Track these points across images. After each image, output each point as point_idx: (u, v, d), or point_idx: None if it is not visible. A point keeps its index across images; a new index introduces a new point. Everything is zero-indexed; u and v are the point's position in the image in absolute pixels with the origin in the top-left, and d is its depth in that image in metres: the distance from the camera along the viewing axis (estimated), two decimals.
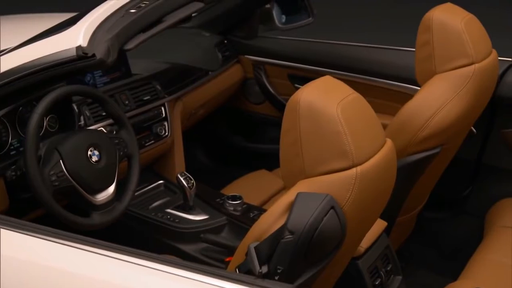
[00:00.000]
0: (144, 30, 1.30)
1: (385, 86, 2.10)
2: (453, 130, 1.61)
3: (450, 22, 1.61)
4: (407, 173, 1.61)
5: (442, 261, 2.20)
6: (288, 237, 1.06)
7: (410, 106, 1.59)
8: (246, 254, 1.10)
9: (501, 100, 1.91)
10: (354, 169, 1.08)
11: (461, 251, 2.18)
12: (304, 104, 1.11)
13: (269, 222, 1.11)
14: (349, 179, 1.08)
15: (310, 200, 1.07)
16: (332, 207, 1.07)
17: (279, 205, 1.11)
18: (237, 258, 1.18)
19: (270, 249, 1.08)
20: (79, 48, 1.30)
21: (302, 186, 1.11)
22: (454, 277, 1.88)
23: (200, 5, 1.42)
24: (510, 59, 2.00)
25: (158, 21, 1.32)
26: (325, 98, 1.11)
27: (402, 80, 1.99)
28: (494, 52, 1.72)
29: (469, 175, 2.10)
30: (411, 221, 1.92)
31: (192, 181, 1.74)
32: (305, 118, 1.11)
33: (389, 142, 1.20)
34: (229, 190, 1.97)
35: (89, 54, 1.29)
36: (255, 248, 1.08)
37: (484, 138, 2.01)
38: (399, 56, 2.10)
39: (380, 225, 1.57)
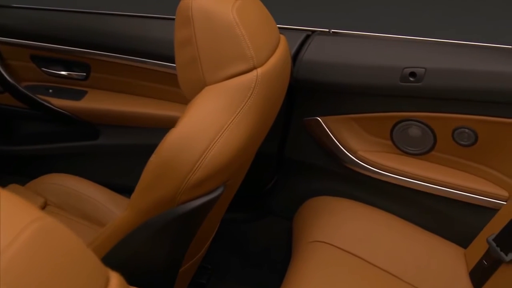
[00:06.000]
0: None
1: (164, 70, 1.60)
2: (239, 160, 1.16)
3: (217, 10, 1.10)
4: (180, 227, 1.15)
5: (249, 269, 1.85)
6: None
7: (174, 138, 1.08)
8: None
9: (298, 85, 1.50)
10: None
11: (269, 256, 1.85)
12: None
13: None
14: None
15: None
16: None
17: None
18: None
19: None
20: None
21: None
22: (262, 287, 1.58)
23: None
24: (306, 28, 1.58)
25: None
26: None
27: None
28: (283, 39, 1.27)
29: (270, 171, 1.71)
30: (200, 256, 1.50)
31: None
32: None
33: None
34: None
35: None
36: None
37: (285, 128, 1.62)
38: None
39: None
